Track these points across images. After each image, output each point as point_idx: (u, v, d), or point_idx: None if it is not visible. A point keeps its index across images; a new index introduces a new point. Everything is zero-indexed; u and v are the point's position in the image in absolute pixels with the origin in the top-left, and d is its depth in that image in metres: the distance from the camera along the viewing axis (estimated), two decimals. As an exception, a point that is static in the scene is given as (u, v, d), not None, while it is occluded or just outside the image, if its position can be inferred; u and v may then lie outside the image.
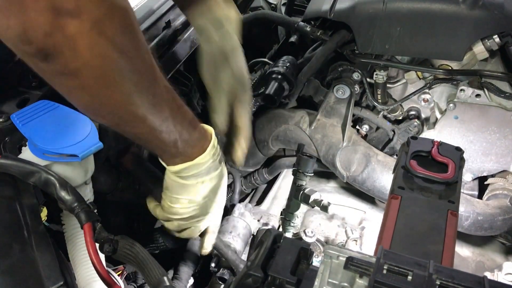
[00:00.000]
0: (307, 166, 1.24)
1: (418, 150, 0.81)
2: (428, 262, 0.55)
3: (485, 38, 1.22)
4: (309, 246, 0.62)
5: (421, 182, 0.76)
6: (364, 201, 1.52)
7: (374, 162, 1.38)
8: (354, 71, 1.40)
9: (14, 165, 0.80)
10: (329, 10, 1.33)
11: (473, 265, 1.39)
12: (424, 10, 1.21)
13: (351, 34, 1.32)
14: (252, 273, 0.58)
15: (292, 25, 1.44)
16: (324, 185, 1.60)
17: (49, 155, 0.83)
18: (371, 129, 1.52)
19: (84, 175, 0.90)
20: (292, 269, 0.59)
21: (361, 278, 0.56)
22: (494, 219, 1.30)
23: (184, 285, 1.23)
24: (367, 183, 1.38)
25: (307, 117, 1.46)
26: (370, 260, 0.56)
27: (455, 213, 0.71)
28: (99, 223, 0.77)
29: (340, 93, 1.41)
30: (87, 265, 0.85)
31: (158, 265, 0.74)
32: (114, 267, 1.00)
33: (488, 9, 1.16)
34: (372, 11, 1.25)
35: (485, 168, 1.40)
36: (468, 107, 1.33)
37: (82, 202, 0.78)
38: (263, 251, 0.60)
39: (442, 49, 1.24)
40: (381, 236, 0.69)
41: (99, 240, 0.75)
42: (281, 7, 1.74)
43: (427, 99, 1.42)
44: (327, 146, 1.41)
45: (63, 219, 0.91)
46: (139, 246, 0.77)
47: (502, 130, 1.33)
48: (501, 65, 1.30)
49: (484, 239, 1.43)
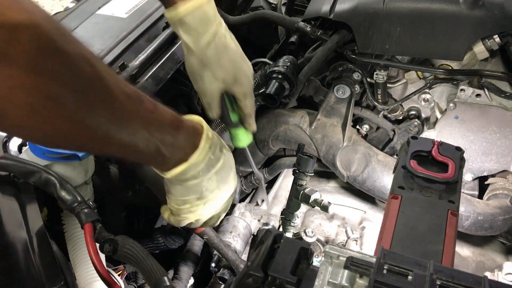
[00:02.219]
0: (307, 166, 1.24)
1: (419, 150, 0.81)
2: (428, 262, 0.54)
3: (485, 38, 1.22)
4: (309, 246, 0.62)
5: (421, 182, 0.76)
6: (364, 201, 1.52)
7: (374, 162, 1.38)
8: (354, 71, 1.40)
9: (14, 165, 0.80)
10: (329, 10, 1.33)
11: (474, 265, 1.39)
12: (424, 10, 1.21)
13: (351, 34, 1.32)
14: (252, 273, 0.58)
15: (292, 25, 1.43)
16: (324, 185, 1.60)
17: (49, 155, 0.83)
18: (371, 129, 1.52)
19: (84, 175, 0.90)
20: (292, 269, 0.59)
21: (361, 278, 0.56)
22: (495, 219, 1.30)
23: (184, 285, 1.23)
24: (367, 183, 1.38)
25: (307, 117, 1.46)
26: (370, 260, 0.56)
27: (455, 213, 0.71)
28: (99, 223, 0.77)
29: (340, 93, 1.41)
30: (87, 265, 0.85)
31: (158, 265, 0.74)
32: (114, 267, 1.00)
33: (488, 9, 1.16)
34: (372, 11, 1.25)
35: (486, 168, 1.40)
36: (469, 107, 1.33)
37: (82, 202, 0.78)
38: (263, 251, 0.60)
39: (442, 49, 1.24)
40: (381, 236, 0.69)
41: (99, 240, 0.75)
42: (281, 7, 1.74)
43: (427, 99, 1.42)
44: (327, 146, 1.41)
45: (63, 219, 0.91)
46: (139, 246, 0.77)
47: (502, 130, 1.33)
48: (501, 65, 1.30)
49: (485, 239, 1.43)
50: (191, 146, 0.76)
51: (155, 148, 0.69)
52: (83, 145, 0.62)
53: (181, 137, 0.73)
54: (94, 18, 1.32)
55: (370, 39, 1.27)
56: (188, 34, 0.90)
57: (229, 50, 0.96)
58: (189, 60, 0.93)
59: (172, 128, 0.72)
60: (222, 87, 0.96)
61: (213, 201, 0.83)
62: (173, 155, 0.73)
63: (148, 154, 0.69)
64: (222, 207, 0.87)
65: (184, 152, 0.75)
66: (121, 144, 0.63)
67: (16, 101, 0.48)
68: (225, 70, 0.94)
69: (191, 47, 0.91)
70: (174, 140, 0.72)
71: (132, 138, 0.64)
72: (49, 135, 0.56)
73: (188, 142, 0.75)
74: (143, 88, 1.15)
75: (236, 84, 0.97)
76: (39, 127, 0.53)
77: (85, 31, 1.26)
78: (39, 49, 0.48)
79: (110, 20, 1.31)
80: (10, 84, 0.47)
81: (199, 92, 0.98)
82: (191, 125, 0.77)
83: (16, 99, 0.48)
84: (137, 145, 0.65)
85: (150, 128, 0.66)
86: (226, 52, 0.95)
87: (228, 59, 0.95)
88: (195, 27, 0.90)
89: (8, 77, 0.46)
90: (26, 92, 0.48)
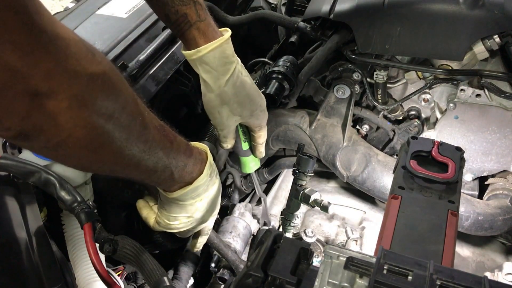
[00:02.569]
0: (307, 166, 1.24)
1: (419, 150, 0.81)
2: (428, 262, 0.54)
3: (485, 38, 1.22)
4: (309, 246, 0.62)
5: (421, 182, 0.76)
6: (364, 201, 1.52)
7: (374, 162, 1.37)
8: (354, 71, 1.40)
9: (14, 165, 0.80)
10: (329, 10, 1.32)
11: (474, 265, 1.39)
12: (424, 10, 1.21)
13: (351, 34, 1.32)
14: (252, 273, 0.58)
15: (292, 25, 1.43)
16: (324, 185, 1.60)
17: (49, 155, 0.83)
18: (371, 129, 1.52)
19: (84, 175, 0.90)
20: (292, 269, 0.59)
21: (361, 278, 0.56)
22: (495, 219, 1.30)
23: (184, 285, 1.23)
24: (367, 183, 1.38)
25: (307, 117, 1.46)
26: (370, 260, 0.56)
27: (455, 213, 0.71)
28: (99, 223, 0.77)
29: (340, 93, 1.41)
30: (87, 265, 0.85)
31: (158, 265, 0.75)
32: (114, 267, 1.00)
33: (488, 9, 1.16)
34: (372, 11, 1.25)
35: (486, 168, 1.40)
36: (469, 107, 1.33)
37: (82, 202, 0.78)
38: (263, 251, 0.60)
39: (442, 49, 1.24)
40: (381, 236, 0.69)
41: (99, 240, 0.75)
42: (281, 7, 1.74)
43: (427, 99, 1.42)
44: (327, 146, 1.41)
45: (63, 219, 0.91)
46: (139, 246, 0.77)
47: (502, 130, 1.33)
48: (501, 65, 1.29)
49: (485, 239, 1.43)
50: (196, 171, 0.83)
51: (169, 173, 0.77)
52: (116, 170, 0.70)
53: (190, 163, 0.81)
54: (94, 18, 1.31)
55: (370, 39, 1.27)
56: (208, 73, 0.95)
57: (246, 86, 1.01)
58: (208, 97, 0.98)
59: (185, 156, 0.80)
60: (239, 121, 1.03)
61: (199, 220, 0.91)
62: (182, 179, 0.81)
63: (162, 177, 0.77)
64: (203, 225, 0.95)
65: (190, 177, 0.83)
66: (144, 170, 0.71)
67: (76, 135, 0.55)
68: (242, 106, 1.01)
69: (211, 85, 0.96)
70: (184, 166, 0.80)
71: (155, 165, 0.72)
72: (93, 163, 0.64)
73: (195, 167, 0.83)
74: (143, 88, 1.15)
75: (252, 117, 1.04)
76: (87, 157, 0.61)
77: (85, 31, 1.26)
78: (106, 92, 0.57)
79: (110, 20, 1.31)
80: (76, 122, 0.54)
81: (216, 126, 1.05)
82: (198, 152, 0.85)
83: (77, 134, 0.55)
84: (157, 170, 0.74)
85: (170, 155, 0.75)
86: (244, 88, 1.00)
87: (245, 95, 1.01)
88: (215, 67, 0.94)
89: (76, 116, 0.54)
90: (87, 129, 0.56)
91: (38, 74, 0.48)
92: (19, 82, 0.48)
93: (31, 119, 0.51)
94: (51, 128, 0.53)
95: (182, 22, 0.93)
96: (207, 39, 0.93)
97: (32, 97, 0.49)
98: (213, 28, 0.95)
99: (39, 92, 0.49)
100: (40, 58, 0.48)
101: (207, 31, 0.94)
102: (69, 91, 0.52)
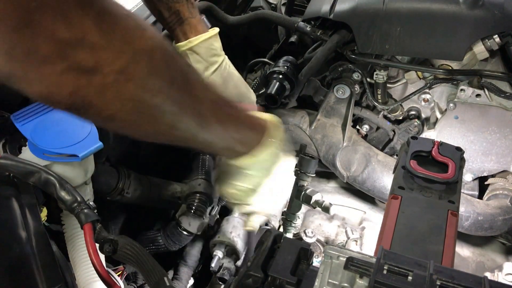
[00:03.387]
0: (309, 166, 1.24)
1: (418, 150, 0.81)
2: (428, 262, 0.54)
3: (485, 38, 1.22)
4: (309, 246, 0.62)
5: (421, 182, 0.76)
6: (364, 201, 1.52)
7: (374, 162, 1.37)
8: (354, 71, 1.40)
9: (14, 165, 0.80)
10: (329, 10, 1.32)
11: (474, 265, 1.38)
12: (424, 10, 1.21)
13: (351, 34, 1.32)
14: (252, 273, 0.58)
15: (292, 25, 1.43)
16: (324, 185, 1.60)
17: (49, 155, 0.83)
18: (371, 129, 1.52)
19: (84, 175, 0.90)
20: (292, 269, 0.59)
21: (361, 279, 0.56)
22: (495, 219, 1.30)
23: (184, 285, 1.23)
24: (367, 183, 1.38)
25: (307, 117, 1.46)
26: (370, 260, 0.56)
27: (455, 213, 0.71)
28: (99, 223, 0.76)
29: (340, 93, 1.41)
30: (87, 265, 0.85)
31: (158, 265, 0.74)
32: (114, 267, 1.00)
33: (488, 9, 1.16)
34: (372, 11, 1.25)
35: (486, 168, 1.40)
36: (468, 107, 1.33)
37: (82, 202, 0.78)
38: (263, 251, 0.60)
39: (442, 49, 1.24)
40: (381, 236, 0.69)
41: (99, 240, 0.75)
42: (281, 7, 1.74)
43: (427, 99, 1.42)
44: (327, 146, 1.41)
45: (63, 219, 0.91)
46: (139, 246, 0.77)
47: (502, 130, 1.33)
48: (501, 65, 1.30)
49: (485, 239, 1.43)
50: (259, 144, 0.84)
51: (228, 145, 0.79)
52: (172, 141, 0.71)
53: (252, 136, 0.83)
54: (94, 18, 1.31)
55: (370, 39, 1.27)
56: (198, 63, 1.05)
57: (234, 78, 1.10)
58: None
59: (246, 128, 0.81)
60: None
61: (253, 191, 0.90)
62: (242, 151, 0.83)
63: (221, 148, 0.80)
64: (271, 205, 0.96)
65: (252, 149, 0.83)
66: (203, 142, 0.73)
67: (125, 109, 0.57)
68: (230, 95, 1.04)
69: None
70: (246, 138, 0.82)
71: (213, 137, 0.74)
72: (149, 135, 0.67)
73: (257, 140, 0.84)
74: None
75: None
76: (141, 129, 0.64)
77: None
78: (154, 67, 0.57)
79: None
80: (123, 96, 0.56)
81: None
82: (262, 124, 0.85)
83: (125, 108, 0.57)
84: (215, 142, 0.76)
85: (228, 128, 0.76)
86: (231, 79, 1.09)
87: (233, 85, 1.08)
88: (205, 57, 1.05)
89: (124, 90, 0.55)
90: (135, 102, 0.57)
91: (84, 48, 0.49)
92: (67, 55, 0.48)
93: (80, 94, 0.52)
94: (100, 102, 0.54)
95: (175, 18, 1.03)
96: (198, 33, 1.04)
97: (76, 73, 0.50)
98: (202, 25, 1.06)
99: (84, 67, 0.50)
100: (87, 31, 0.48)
101: (198, 26, 1.05)
102: (113, 66, 0.52)
